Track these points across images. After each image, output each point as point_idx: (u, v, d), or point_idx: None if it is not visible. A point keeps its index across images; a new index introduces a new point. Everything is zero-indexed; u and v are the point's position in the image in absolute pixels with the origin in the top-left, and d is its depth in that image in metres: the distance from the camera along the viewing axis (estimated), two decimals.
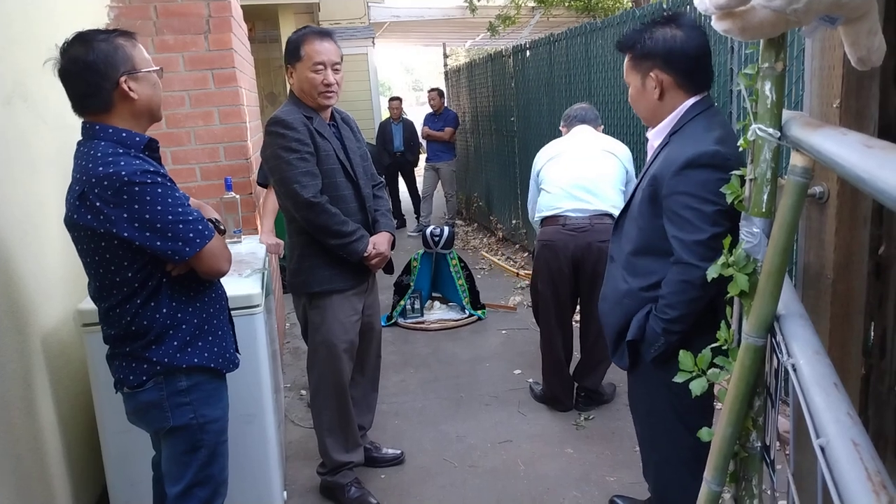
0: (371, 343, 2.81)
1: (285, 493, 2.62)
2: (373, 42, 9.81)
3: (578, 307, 3.46)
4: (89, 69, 1.62)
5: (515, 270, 5.73)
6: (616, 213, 3.06)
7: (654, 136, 1.91)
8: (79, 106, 1.68)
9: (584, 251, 3.12)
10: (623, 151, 3.27)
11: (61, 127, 2.42)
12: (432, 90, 8.48)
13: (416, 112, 8.96)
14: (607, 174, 3.18)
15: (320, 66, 2.42)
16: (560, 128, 3.48)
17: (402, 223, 8.83)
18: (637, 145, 4.42)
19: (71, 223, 1.65)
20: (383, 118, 9.00)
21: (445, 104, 8.51)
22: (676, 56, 1.79)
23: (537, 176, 3.35)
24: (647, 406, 2.00)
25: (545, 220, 3.27)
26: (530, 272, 3.57)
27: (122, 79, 1.64)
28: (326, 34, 2.50)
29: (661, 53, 1.80)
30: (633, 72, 1.89)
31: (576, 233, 3.13)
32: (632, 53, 1.89)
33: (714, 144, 1.69)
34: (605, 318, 2.07)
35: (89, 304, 1.90)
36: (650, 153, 1.96)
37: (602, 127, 3.45)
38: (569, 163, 3.22)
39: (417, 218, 8.52)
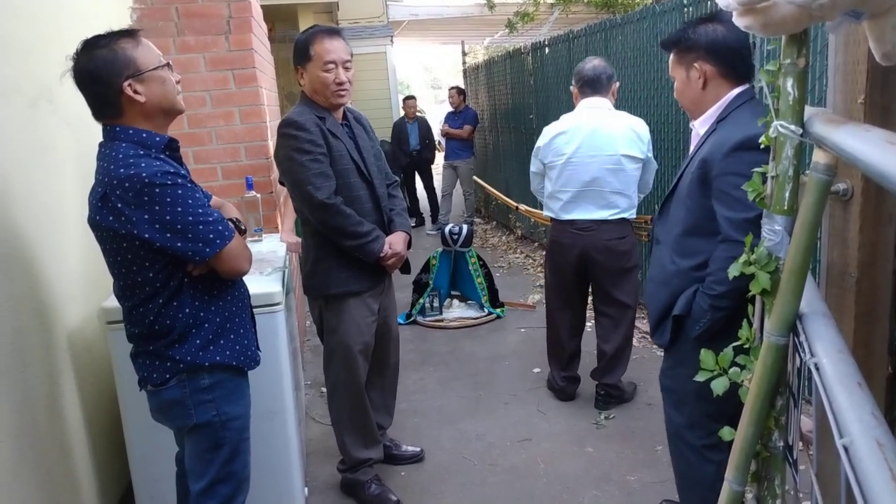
0: (388, 345, 2.80)
1: (306, 489, 2.64)
2: (391, 41, 9.82)
3: (591, 304, 3.51)
4: (92, 79, 1.62)
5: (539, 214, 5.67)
6: (626, 215, 3.20)
7: (701, 124, 2.01)
8: (94, 113, 1.70)
9: (592, 248, 3.22)
10: (637, 139, 3.14)
11: (84, 128, 2.45)
12: (452, 88, 8.50)
13: (436, 110, 8.95)
14: (618, 183, 3.15)
15: (331, 65, 2.39)
16: (571, 87, 3.35)
17: (420, 221, 8.84)
18: (656, 141, 4.39)
19: (94, 224, 1.67)
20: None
21: (466, 102, 8.50)
22: (719, 47, 1.91)
23: (542, 162, 3.31)
24: (680, 386, 2.03)
25: (554, 220, 3.34)
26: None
27: (126, 84, 1.63)
28: (335, 32, 2.46)
29: (704, 45, 1.93)
30: (678, 65, 2.02)
31: (583, 232, 3.23)
32: (676, 48, 2.01)
33: (764, 128, 1.72)
34: (649, 298, 2.14)
35: (113, 303, 1.92)
36: (694, 141, 2.06)
37: (617, 84, 3.30)
38: (580, 168, 3.15)
39: (433, 217, 8.52)
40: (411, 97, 8.79)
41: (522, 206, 5.55)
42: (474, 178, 7.59)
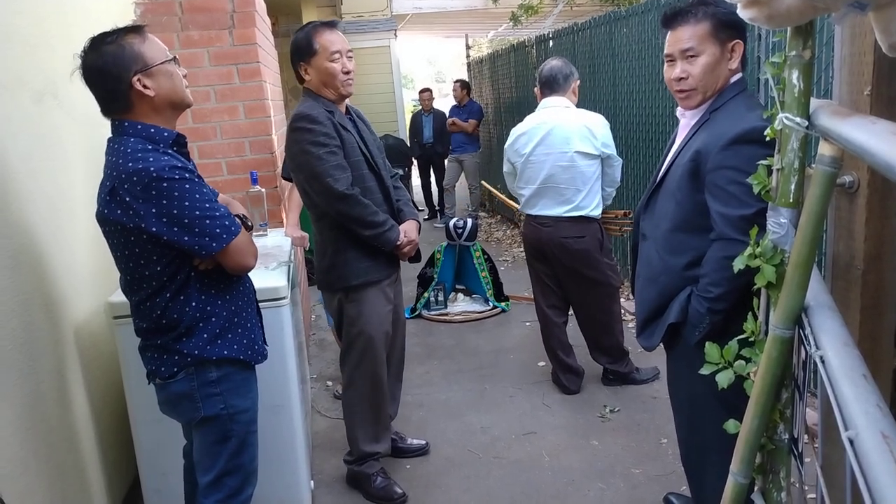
0: (397, 333, 2.84)
1: (312, 482, 2.66)
2: (395, 34, 9.79)
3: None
4: (102, 75, 1.63)
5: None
6: (585, 212, 3.25)
7: (694, 114, 1.89)
8: (103, 109, 1.71)
9: (549, 243, 3.32)
10: (590, 135, 3.22)
11: (90, 124, 2.46)
12: (457, 81, 8.45)
13: (439, 104, 8.89)
14: (579, 178, 3.25)
15: (337, 55, 2.42)
16: (534, 88, 3.50)
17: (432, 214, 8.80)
18: (660, 135, 4.37)
19: (102, 218, 1.68)
20: (407, 110, 8.95)
21: (470, 96, 8.46)
22: (744, 29, 1.79)
23: (510, 162, 3.45)
24: (689, 390, 1.97)
25: (525, 214, 3.52)
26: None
27: (135, 78, 1.64)
28: (333, 25, 2.50)
29: (744, 24, 1.73)
30: (713, 39, 1.80)
31: (542, 227, 3.35)
32: (716, 20, 1.78)
33: (762, 121, 1.67)
34: (638, 295, 2.06)
35: (119, 297, 1.93)
36: (682, 131, 1.94)
37: (578, 82, 3.37)
38: (536, 166, 3.29)
39: (439, 211, 8.48)
40: (426, 89, 8.71)
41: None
42: (482, 181, 7.64)
